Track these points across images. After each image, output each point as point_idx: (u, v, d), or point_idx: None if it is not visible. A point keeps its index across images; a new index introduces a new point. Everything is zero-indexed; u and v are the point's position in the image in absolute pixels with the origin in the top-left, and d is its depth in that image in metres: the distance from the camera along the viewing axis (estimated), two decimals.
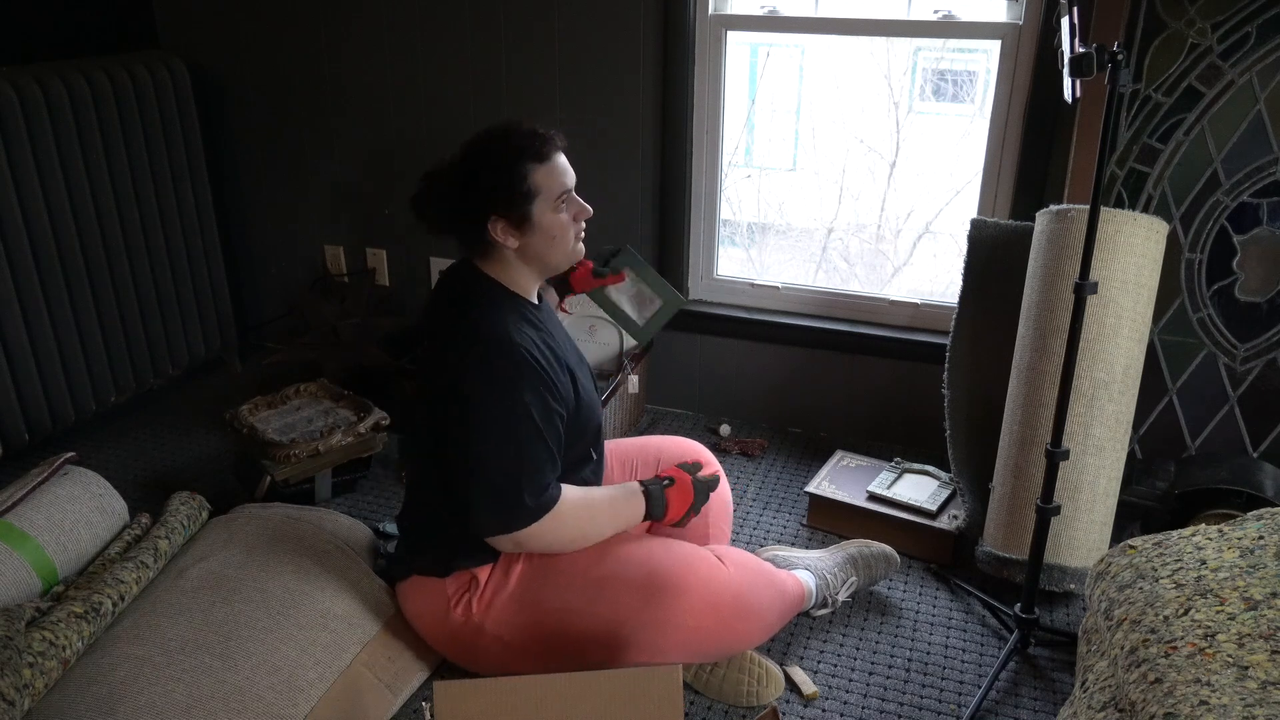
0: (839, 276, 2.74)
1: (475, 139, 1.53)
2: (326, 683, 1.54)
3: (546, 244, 1.54)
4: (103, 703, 1.41)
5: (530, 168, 1.49)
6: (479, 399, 1.47)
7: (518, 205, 1.49)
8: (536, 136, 1.51)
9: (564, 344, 1.65)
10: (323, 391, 2.38)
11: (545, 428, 1.49)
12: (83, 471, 1.90)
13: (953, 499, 2.07)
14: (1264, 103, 1.88)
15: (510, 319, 1.52)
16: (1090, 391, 1.77)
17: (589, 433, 1.65)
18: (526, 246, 1.54)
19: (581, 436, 1.62)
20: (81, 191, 2.31)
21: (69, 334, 2.33)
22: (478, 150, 1.52)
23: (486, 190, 1.49)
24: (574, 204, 1.56)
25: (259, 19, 2.65)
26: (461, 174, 1.51)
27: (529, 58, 2.44)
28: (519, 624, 1.56)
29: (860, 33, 2.28)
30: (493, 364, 1.47)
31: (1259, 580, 1.20)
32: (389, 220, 2.77)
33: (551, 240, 1.54)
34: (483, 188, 1.49)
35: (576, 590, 1.55)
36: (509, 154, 1.49)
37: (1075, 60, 1.43)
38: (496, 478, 1.47)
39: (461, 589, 1.59)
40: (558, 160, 1.53)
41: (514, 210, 1.49)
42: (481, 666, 1.62)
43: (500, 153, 1.49)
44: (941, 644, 1.81)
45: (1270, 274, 1.96)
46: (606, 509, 1.59)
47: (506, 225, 1.51)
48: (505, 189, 1.48)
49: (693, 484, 1.65)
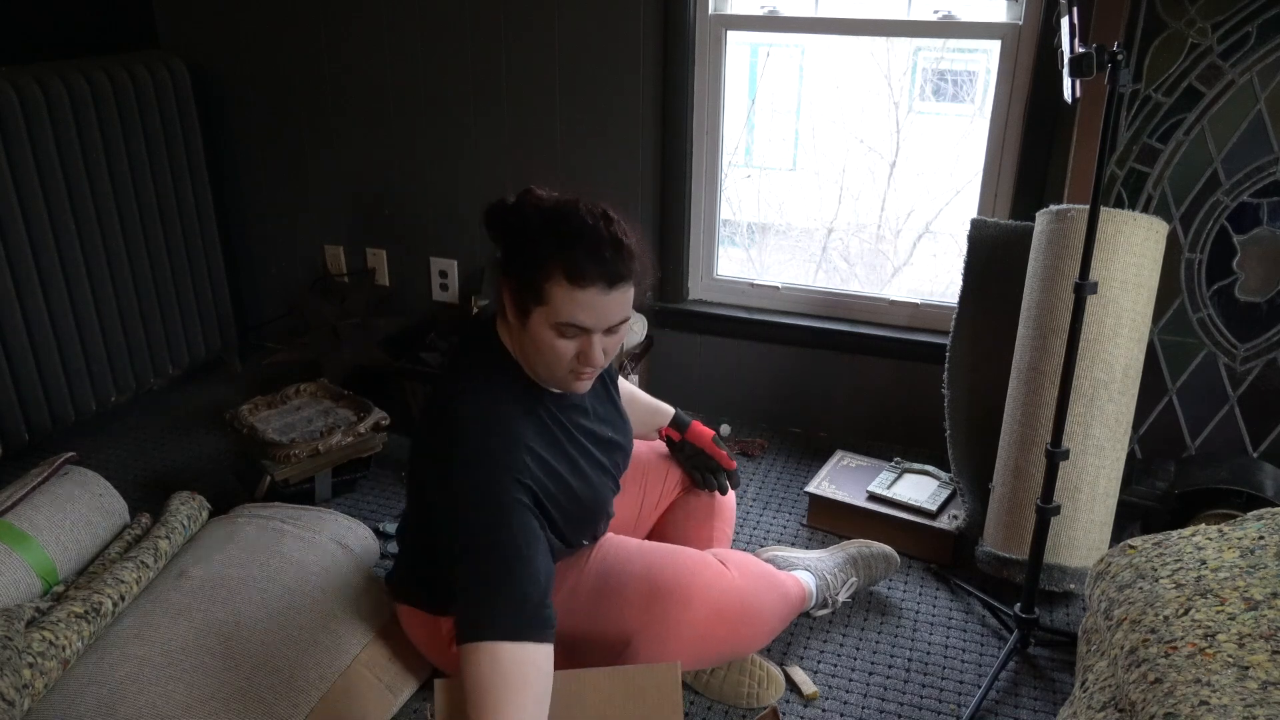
0: (839, 276, 2.74)
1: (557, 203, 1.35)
2: (326, 683, 1.54)
3: (533, 350, 1.35)
4: (103, 703, 1.41)
5: (558, 278, 1.28)
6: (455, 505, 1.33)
7: (523, 291, 1.32)
8: (595, 255, 1.29)
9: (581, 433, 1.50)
10: (323, 391, 2.38)
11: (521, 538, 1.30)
12: (83, 471, 1.90)
13: (953, 499, 2.07)
14: (1264, 103, 1.88)
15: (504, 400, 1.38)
16: (1090, 391, 1.77)
17: (583, 527, 1.53)
18: (519, 334, 1.37)
19: (576, 530, 1.51)
20: (81, 191, 2.30)
21: (69, 334, 2.33)
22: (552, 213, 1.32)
23: (512, 251, 1.34)
24: (585, 344, 1.34)
25: (259, 19, 2.65)
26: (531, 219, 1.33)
27: (529, 57, 2.45)
28: None
29: (860, 33, 2.28)
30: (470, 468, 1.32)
31: (1259, 580, 1.20)
32: (389, 220, 2.77)
33: (537, 352, 1.35)
34: (511, 247, 1.34)
35: (579, 611, 1.52)
36: (548, 246, 1.29)
37: (1075, 60, 1.43)
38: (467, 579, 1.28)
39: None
40: (591, 294, 1.29)
41: (517, 292, 1.33)
42: None
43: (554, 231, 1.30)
44: (941, 644, 1.81)
45: (1270, 274, 1.96)
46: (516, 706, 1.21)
47: (510, 297, 1.35)
48: (522, 266, 1.31)
49: None
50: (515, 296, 1.34)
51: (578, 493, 1.46)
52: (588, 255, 1.29)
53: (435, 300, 2.81)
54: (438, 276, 2.78)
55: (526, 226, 1.33)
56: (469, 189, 2.64)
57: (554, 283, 1.29)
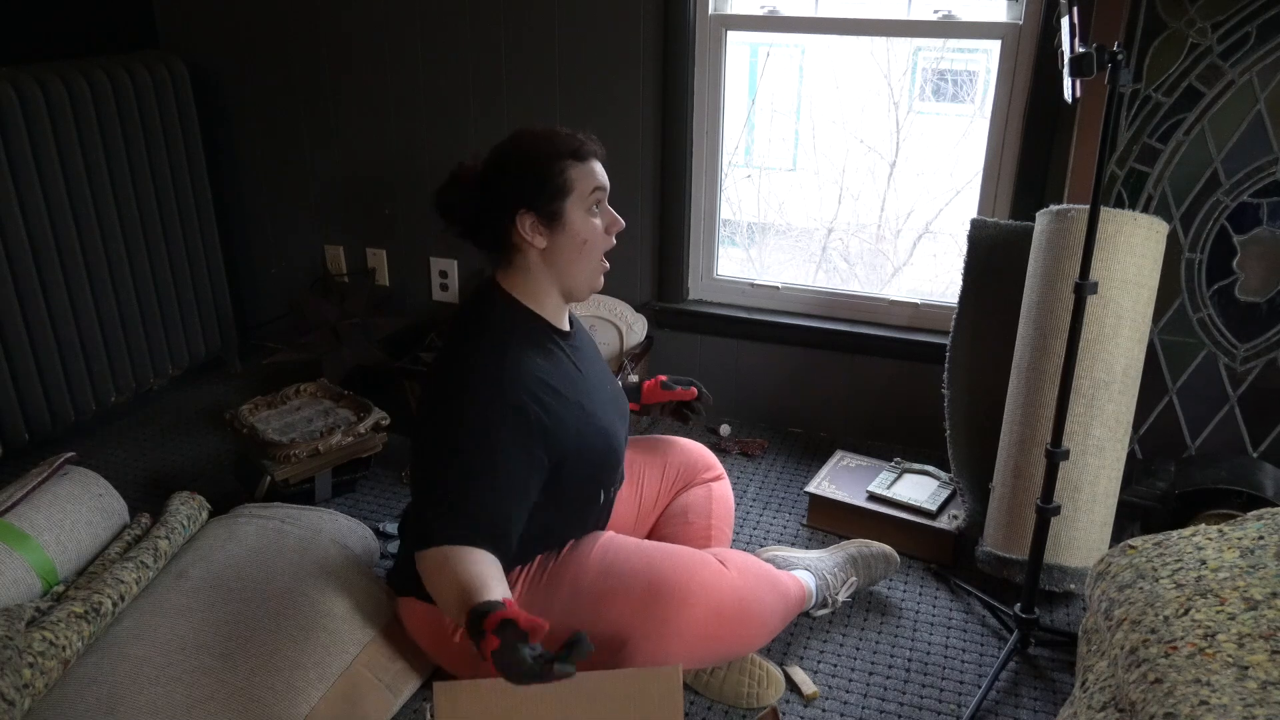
0: (839, 276, 2.74)
1: (510, 136, 1.49)
2: (326, 683, 1.54)
3: (574, 250, 1.48)
4: (103, 703, 1.41)
5: (566, 163, 1.45)
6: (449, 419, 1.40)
7: (550, 199, 1.44)
8: (574, 137, 1.48)
9: (591, 377, 1.58)
10: (323, 391, 2.38)
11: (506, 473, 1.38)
12: (83, 471, 1.90)
13: (953, 499, 2.07)
14: (1264, 103, 1.88)
15: (515, 348, 1.45)
16: (1090, 391, 1.77)
17: (601, 473, 1.59)
18: (553, 250, 1.47)
19: (591, 477, 1.57)
20: (81, 191, 2.31)
21: (69, 334, 2.33)
22: (511, 145, 1.48)
23: (517, 180, 1.44)
24: (607, 212, 1.52)
25: (259, 19, 2.65)
26: (493, 165, 1.47)
27: (529, 57, 2.45)
28: None
29: (860, 33, 2.28)
30: (475, 395, 1.40)
31: (1259, 580, 1.20)
32: (389, 220, 2.77)
33: (581, 246, 1.48)
34: (513, 178, 1.45)
35: (580, 608, 1.52)
36: (545, 147, 1.45)
37: (1075, 60, 1.43)
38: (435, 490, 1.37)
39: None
40: (595, 163, 1.49)
41: (545, 204, 1.44)
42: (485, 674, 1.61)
43: (535, 145, 1.46)
44: (941, 644, 1.81)
45: (1270, 274, 1.96)
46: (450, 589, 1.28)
47: (536, 221, 1.45)
48: (538, 180, 1.44)
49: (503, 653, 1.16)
50: (542, 212, 1.45)
51: (595, 423, 1.52)
52: (570, 139, 1.47)
53: (435, 300, 2.81)
54: (438, 276, 2.78)
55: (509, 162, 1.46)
56: None
57: (568, 168, 1.45)
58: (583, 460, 1.52)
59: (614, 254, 1.66)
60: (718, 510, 1.83)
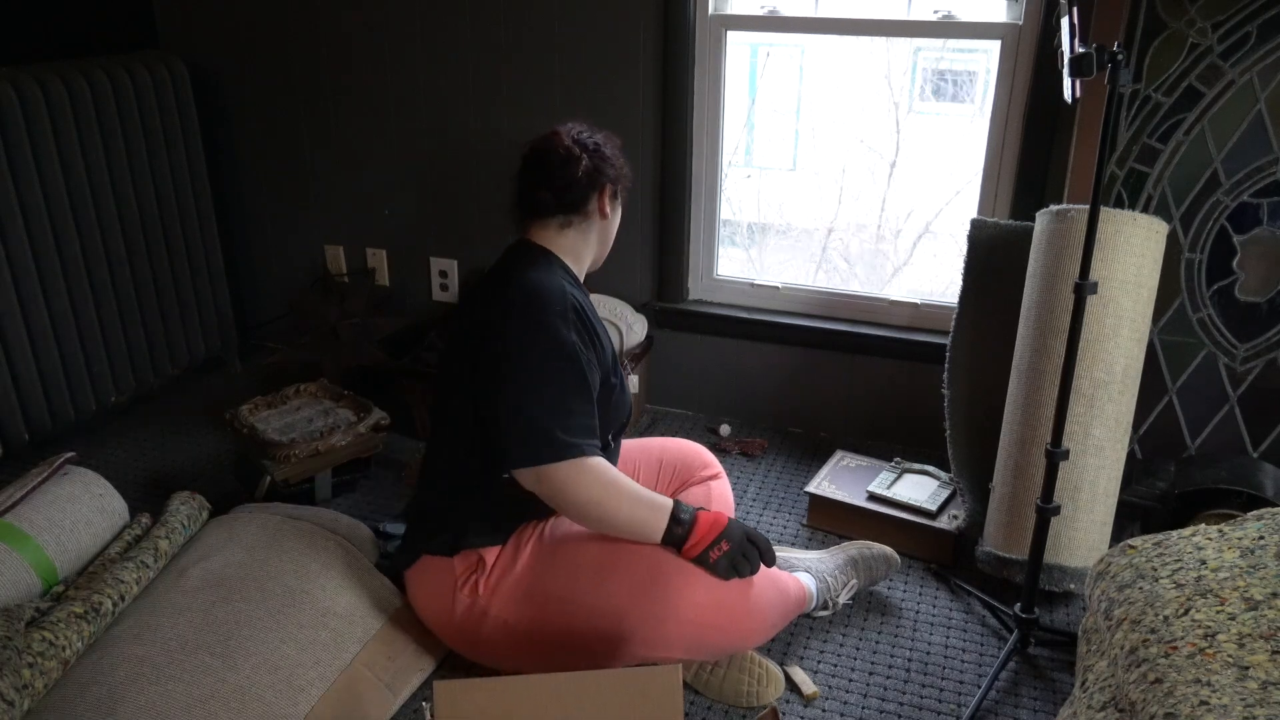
0: (839, 276, 2.74)
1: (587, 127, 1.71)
2: (326, 682, 1.54)
3: (614, 227, 1.74)
4: (103, 703, 1.41)
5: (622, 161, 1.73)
6: (522, 341, 1.52)
7: (624, 182, 1.72)
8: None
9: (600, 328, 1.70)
10: (323, 391, 2.38)
11: (587, 375, 1.54)
12: (83, 471, 1.90)
13: (953, 499, 2.07)
14: (1264, 103, 1.88)
15: (559, 278, 1.60)
16: (1090, 391, 1.77)
17: (618, 417, 1.69)
18: (608, 223, 1.71)
19: (608, 418, 1.64)
20: (81, 191, 2.30)
21: (69, 334, 2.33)
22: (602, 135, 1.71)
23: (615, 161, 1.69)
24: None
25: (259, 19, 2.65)
26: (591, 147, 1.67)
27: (529, 57, 2.45)
28: (523, 611, 1.57)
29: (860, 33, 2.28)
30: (540, 308, 1.53)
31: (1259, 580, 1.20)
32: (389, 220, 2.77)
33: (616, 225, 1.75)
34: (611, 159, 1.68)
35: (581, 579, 1.55)
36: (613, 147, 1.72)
37: (1075, 60, 1.43)
38: (533, 409, 1.50)
39: (469, 569, 1.60)
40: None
41: (620, 185, 1.71)
42: (483, 656, 1.63)
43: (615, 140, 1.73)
44: (941, 644, 1.81)
45: (1270, 274, 1.96)
46: (629, 497, 1.54)
47: (611, 196, 1.69)
48: (624, 166, 1.71)
49: (730, 526, 1.57)
50: (615, 189, 1.70)
51: (610, 362, 1.64)
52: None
53: (435, 300, 2.81)
54: (438, 276, 2.78)
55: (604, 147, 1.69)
56: (469, 189, 2.64)
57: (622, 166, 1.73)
58: (605, 393, 1.62)
59: (614, 254, 1.76)
60: (717, 508, 1.82)
